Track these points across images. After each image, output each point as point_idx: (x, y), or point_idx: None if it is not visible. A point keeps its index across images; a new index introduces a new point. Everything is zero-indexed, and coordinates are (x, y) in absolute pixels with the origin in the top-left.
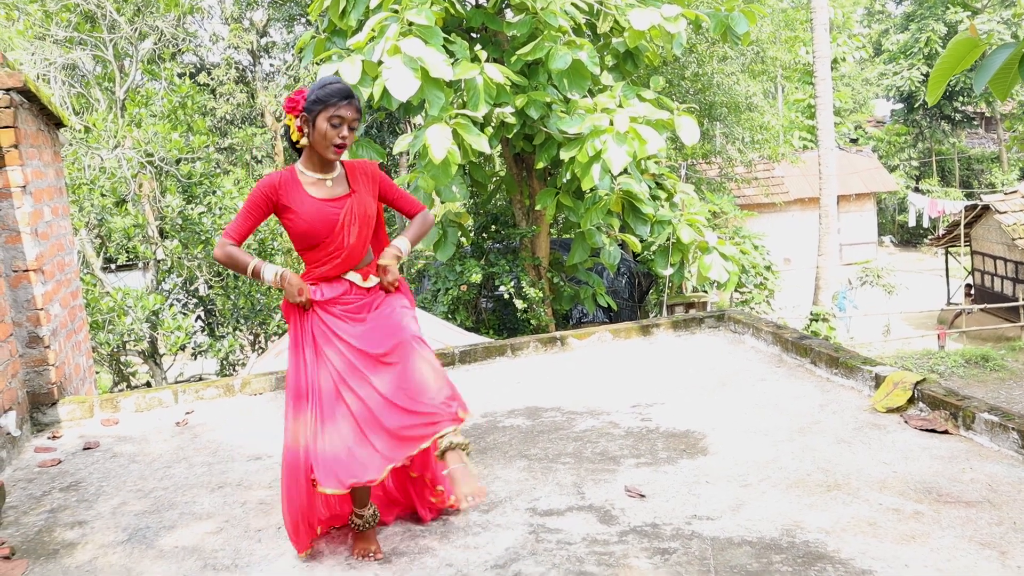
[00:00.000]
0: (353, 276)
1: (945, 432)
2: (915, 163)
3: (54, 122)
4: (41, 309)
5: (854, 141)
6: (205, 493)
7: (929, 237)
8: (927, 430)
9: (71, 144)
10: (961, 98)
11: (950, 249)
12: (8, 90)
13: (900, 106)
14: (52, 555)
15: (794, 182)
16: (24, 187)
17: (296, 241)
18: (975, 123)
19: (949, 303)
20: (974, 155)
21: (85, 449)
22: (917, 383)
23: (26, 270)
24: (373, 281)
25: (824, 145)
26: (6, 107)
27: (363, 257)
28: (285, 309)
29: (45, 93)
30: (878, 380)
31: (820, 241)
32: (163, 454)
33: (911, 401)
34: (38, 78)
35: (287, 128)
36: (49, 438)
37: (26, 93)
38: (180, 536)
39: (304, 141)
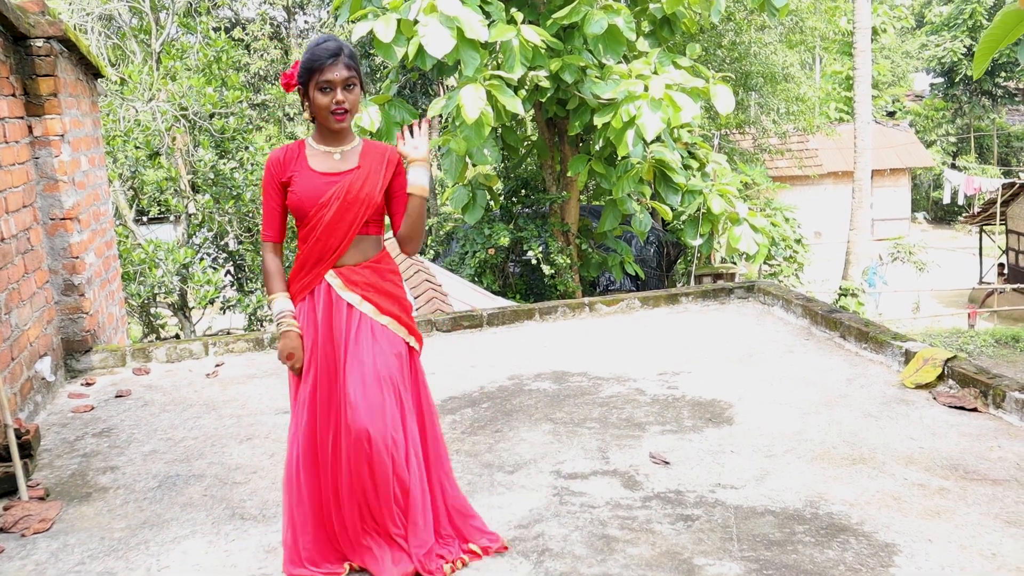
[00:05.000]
0: (331, 278)
1: (974, 410)
2: (953, 139)
3: (92, 72)
4: (77, 257)
5: (891, 115)
6: (234, 444)
7: (964, 215)
8: (956, 407)
9: (106, 96)
10: (1003, 73)
11: (984, 227)
12: (49, 38)
13: (940, 80)
14: (85, 498)
15: (828, 155)
16: (63, 136)
17: (296, 222)
18: (1016, 99)
19: (981, 282)
20: (1014, 132)
21: (117, 397)
22: (948, 360)
23: (63, 218)
24: (360, 302)
25: (861, 118)
26: (46, 55)
27: (342, 248)
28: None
29: (84, 43)
30: (908, 356)
31: (852, 215)
32: (193, 405)
33: (941, 378)
34: (75, 28)
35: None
36: (83, 384)
37: (66, 42)
38: (209, 485)
39: (307, 115)
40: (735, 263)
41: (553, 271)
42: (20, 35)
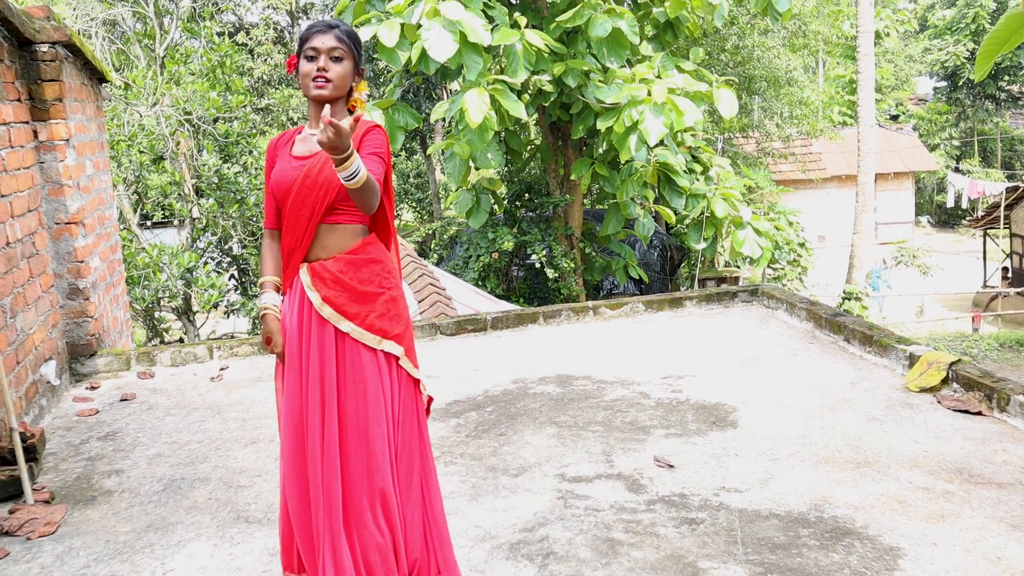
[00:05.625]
0: (303, 273)
1: (979, 413)
2: (956, 143)
3: (97, 77)
4: (81, 262)
5: (894, 118)
6: (239, 448)
7: (967, 218)
8: (960, 411)
9: (111, 100)
10: (1007, 77)
11: (988, 231)
12: (54, 43)
13: (943, 84)
14: (90, 501)
15: (832, 159)
16: (68, 140)
17: None
18: (1020, 103)
19: (985, 286)
20: (1018, 136)
21: (122, 400)
22: (952, 364)
23: (68, 223)
24: (321, 305)
25: (864, 122)
26: (51, 60)
27: (307, 240)
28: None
29: (88, 48)
30: (912, 359)
31: (856, 219)
32: (198, 408)
33: (945, 381)
34: (80, 33)
35: None
36: (87, 388)
37: (71, 47)
38: (214, 488)
39: (303, 92)
40: (739, 267)
41: (557, 275)
42: (25, 40)
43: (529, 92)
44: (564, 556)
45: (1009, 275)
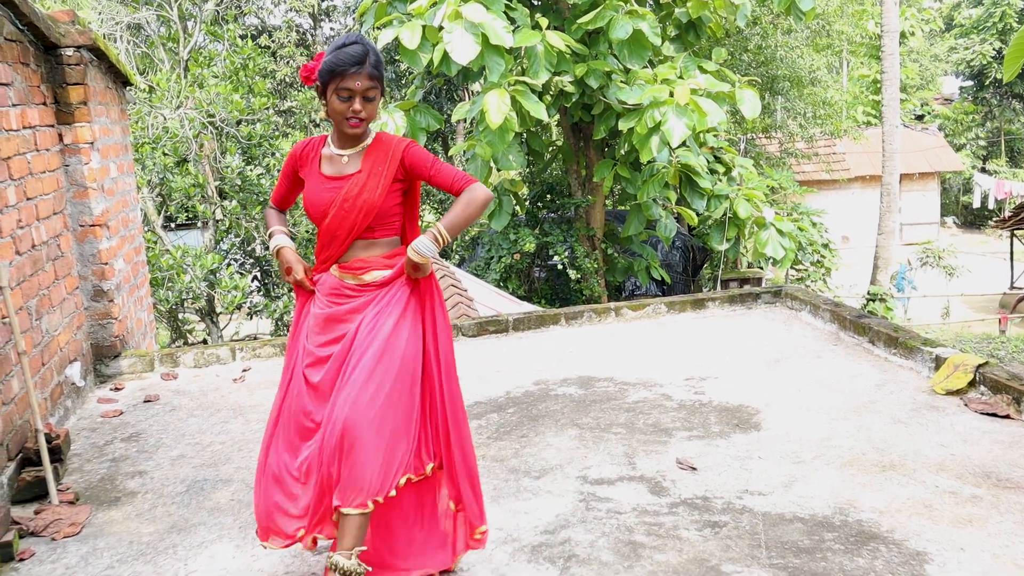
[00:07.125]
0: (335, 271)
1: (1007, 417)
2: (982, 143)
3: (121, 80)
4: (106, 264)
5: (920, 118)
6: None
7: (994, 219)
8: (988, 414)
9: (135, 103)
10: None
11: (1016, 232)
12: (79, 47)
13: (969, 83)
14: (114, 502)
15: (856, 159)
16: (92, 143)
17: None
18: None
19: (1012, 287)
20: None
21: (146, 401)
22: (979, 366)
23: (92, 225)
24: (375, 276)
25: (889, 122)
26: (76, 64)
27: (342, 251)
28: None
29: (113, 51)
30: (938, 362)
31: (881, 220)
32: (221, 409)
33: (972, 384)
34: (105, 37)
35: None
36: (112, 389)
37: (95, 51)
38: (236, 490)
39: (323, 113)
40: (762, 268)
41: (579, 276)
42: (51, 44)
43: (551, 93)
44: (586, 559)
45: None
